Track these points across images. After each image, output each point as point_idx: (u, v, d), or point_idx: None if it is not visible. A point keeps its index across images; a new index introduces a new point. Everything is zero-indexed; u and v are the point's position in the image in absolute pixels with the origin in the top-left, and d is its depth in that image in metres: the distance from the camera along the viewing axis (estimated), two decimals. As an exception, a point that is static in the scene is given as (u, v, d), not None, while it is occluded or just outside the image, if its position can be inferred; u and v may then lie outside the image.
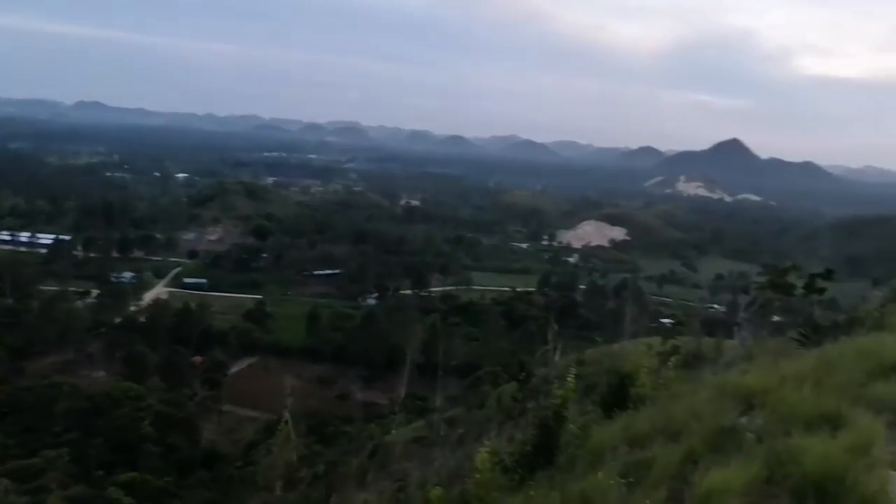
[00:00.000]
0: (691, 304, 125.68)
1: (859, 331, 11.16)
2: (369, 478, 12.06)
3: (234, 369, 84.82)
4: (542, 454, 6.82)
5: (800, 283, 18.99)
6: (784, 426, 5.37)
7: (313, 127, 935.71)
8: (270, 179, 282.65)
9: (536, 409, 8.04)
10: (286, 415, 16.63)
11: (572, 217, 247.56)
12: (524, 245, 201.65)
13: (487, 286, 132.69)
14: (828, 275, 18.56)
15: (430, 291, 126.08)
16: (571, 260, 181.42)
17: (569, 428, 6.83)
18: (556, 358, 11.58)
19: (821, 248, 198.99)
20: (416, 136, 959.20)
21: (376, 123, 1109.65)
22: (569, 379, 7.43)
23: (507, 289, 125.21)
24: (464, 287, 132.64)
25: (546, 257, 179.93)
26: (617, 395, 8.62)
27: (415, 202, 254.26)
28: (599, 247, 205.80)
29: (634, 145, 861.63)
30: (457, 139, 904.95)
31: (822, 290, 18.02)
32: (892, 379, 6.60)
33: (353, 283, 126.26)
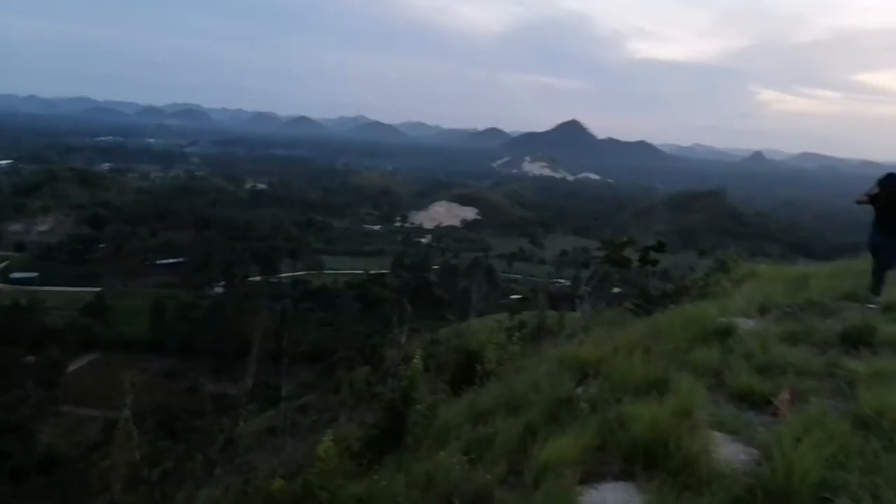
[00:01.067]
0: (539, 279, 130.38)
1: (686, 299, 11.90)
2: (217, 472, 11.65)
3: (72, 367, 79.59)
4: (390, 437, 6.80)
5: (636, 256, 20.08)
6: (616, 394, 5.59)
7: (151, 110, 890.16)
8: (105, 165, 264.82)
9: (385, 391, 8.03)
10: (126, 412, 15.77)
11: (424, 198, 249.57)
12: (376, 227, 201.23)
13: (340, 270, 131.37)
14: (660, 247, 19.78)
15: (281, 277, 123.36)
16: (424, 241, 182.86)
17: (416, 408, 6.84)
18: (404, 339, 11.61)
19: (655, 223, 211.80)
20: (261, 117, 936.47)
21: (218, 105, 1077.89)
22: (415, 360, 7.44)
23: (360, 272, 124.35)
24: (315, 272, 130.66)
25: (399, 239, 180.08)
26: (465, 373, 8.74)
27: (261, 186, 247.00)
28: (451, 227, 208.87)
29: (481, 126, 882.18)
30: (303, 120, 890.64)
31: (655, 262, 19.18)
32: (713, 344, 7.06)
33: (198, 272, 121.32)
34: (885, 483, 3.89)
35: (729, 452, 4.56)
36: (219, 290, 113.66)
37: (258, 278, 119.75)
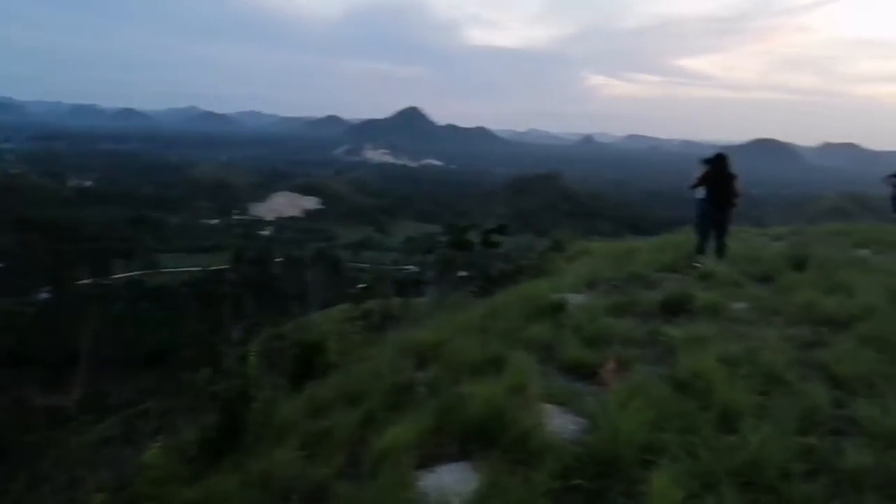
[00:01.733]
0: (386, 267, 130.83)
1: (523, 279, 12.26)
2: (45, 489, 10.82)
3: None
4: (227, 437, 6.52)
5: (478, 240, 20.48)
6: (454, 375, 5.63)
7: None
8: None
9: (221, 391, 7.71)
10: (-66, 435, 14.32)
11: (263, 189, 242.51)
12: (214, 221, 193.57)
13: (177, 268, 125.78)
14: (501, 230, 20.33)
15: (114, 279, 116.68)
16: (266, 233, 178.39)
17: (253, 406, 6.60)
18: (238, 336, 11.19)
19: (496, 206, 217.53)
20: (81, 110, 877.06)
21: (34, 98, 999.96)
22: (250, 356, 7.19)
23: (198, 268, 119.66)
24: (151, 271, 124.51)
25: (238, 232, 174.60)
26: (304, 366, 8.54)
27: (87, 183, 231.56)
28: (293, 218, 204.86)
29: (319, 114, 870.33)
30: (129, 112, 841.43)
31: (496, 244, 19.68)
32: (546, 320, 7.29)
33: (20, 278, 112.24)
34: (700, 441, 4.14)
35: (560, 424, 4.70)
36: (45, 295, 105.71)
37: (89, 281, 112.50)
